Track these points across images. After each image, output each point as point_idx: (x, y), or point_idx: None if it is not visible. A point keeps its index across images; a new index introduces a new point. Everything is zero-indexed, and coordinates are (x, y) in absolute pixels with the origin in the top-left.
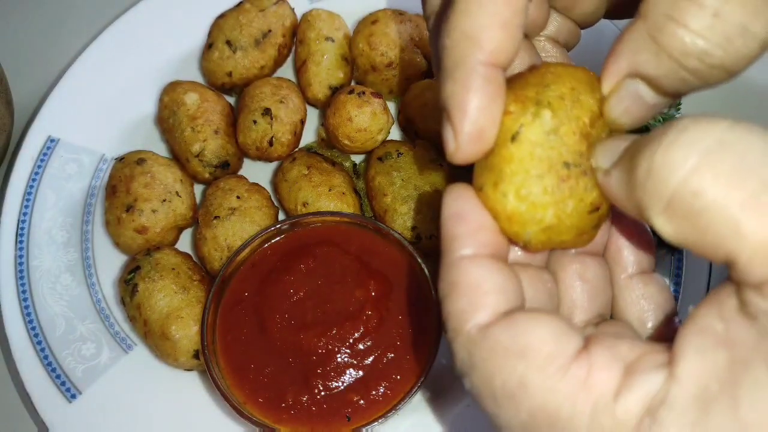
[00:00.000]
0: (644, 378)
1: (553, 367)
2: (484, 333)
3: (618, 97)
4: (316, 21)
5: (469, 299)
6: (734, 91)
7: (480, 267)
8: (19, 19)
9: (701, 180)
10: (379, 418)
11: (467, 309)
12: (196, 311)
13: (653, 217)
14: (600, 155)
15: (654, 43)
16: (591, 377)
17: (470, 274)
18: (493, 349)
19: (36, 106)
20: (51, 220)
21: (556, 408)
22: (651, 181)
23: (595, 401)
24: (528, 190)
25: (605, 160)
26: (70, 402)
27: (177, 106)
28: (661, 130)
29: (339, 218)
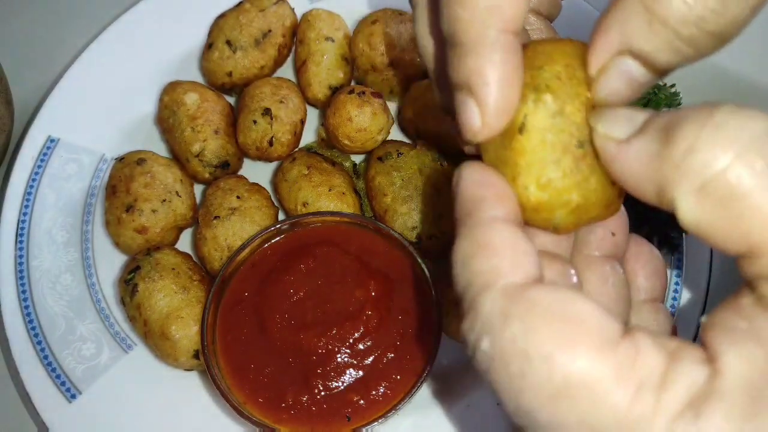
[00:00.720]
0: (689, 367)
1: (601, 339)
2: (523, 290)
3: (607, 77)
4: (316, 21)
5: (506, 257)
6: (735, 92)
7: (515, 231)
8: (19, 19)
9: (745, 167)
10: (379, 418)
11: (503, 266)
12: (196, 311)
13: (680, 197)
14: (610, 123)
15: (647, 13)
16: (639, 358)
17: (505, 233)
18: (534, 306)
19: (36, 106)
20: (51, 220)
21: (597, 380)
22: (690, 161)
23: (640, 382)
24: (548, 178)
25: (619, 129)
26: (70, 402)
27: (177, 106)
28: (705, 110)
29: (339, 218)
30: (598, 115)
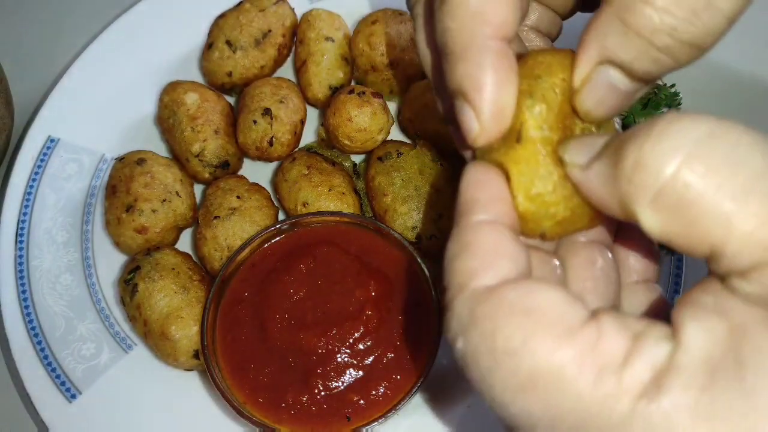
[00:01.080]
0: (651, 345)
1: (562, 328)
2: (490, 292)
3: (590, 87)
4: (316, 21)
5: (481, 260)
6: (735, 92)
7: (497, 233)
8: (19, 19)
9: (692, 171)
10: (379, 418)
11: (477, 268)
12: (196, 311)
13: (639, 210)
14: (574, 151)
15: (622, 25)
16: (600, 342)
17: (487, 236)
18: (499, 305)
19: (36, 106)
20: (51, 220)
21: (559, 368)
22: (639, 173)
23: (602, 365)
24: (537, 191)
25: (581, 156)
26: (70, 402)
27: (177, 106)
28: (648, 124)
29: (339, 218)
30: (564, 145)
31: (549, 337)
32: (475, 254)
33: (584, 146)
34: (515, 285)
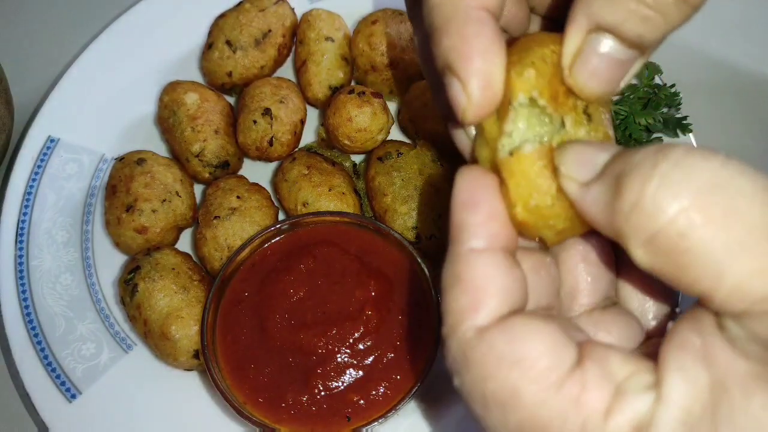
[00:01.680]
0: (633, 399)
1: (548, 381)
2: (481, 336)
3: (583, 57)
4: (316, 21)
5: (471, 298)
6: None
7: (487, 264)
8: (19, 19)
9: (690, 222)
10: (379, 418)
11: (468, 308)
12: (196, 311)
13: (632, 247)
14: (573, 165)
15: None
16: (583, 395)
17: (476, 270)
18: (489, 353)
19: (36, 106)
20: (51, 220)
21: (546, 422)
22: (636, 215)
23: (585, 419)
24: (536, 203)
25: (581, 173)
26: (70, 402)
27: (177, 106)
28: (650, 159)
29: (339, 218)
30: (562, 154)
31: (535, 390)
32: (465, 290)
33: (584, 161)
34: (504, 330)
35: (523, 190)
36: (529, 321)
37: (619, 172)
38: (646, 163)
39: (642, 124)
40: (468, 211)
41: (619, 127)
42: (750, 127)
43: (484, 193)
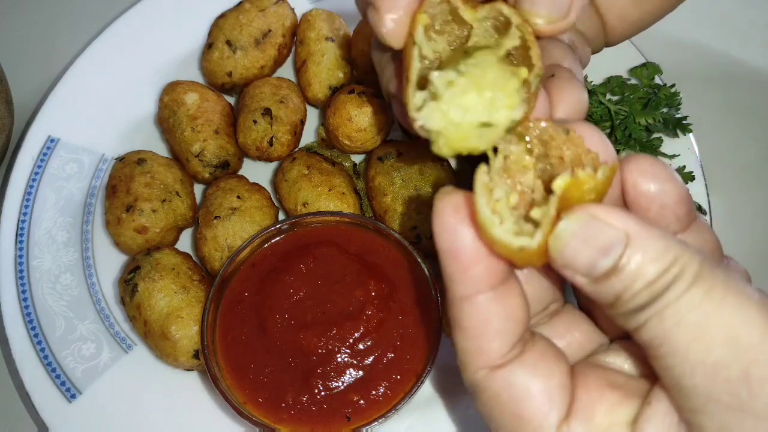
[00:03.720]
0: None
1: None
2: (488, 380)
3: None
4: (316, 21)
5: (474, 343)
6: (735, 90)
7: (480, 309)
8: (19, 19)
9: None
10: (379, 418)
11: (472, 351)
12: (196, 311)
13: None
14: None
15: None
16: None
17: (471, 317)
18: (493, 400)
19: (36, 106)
20: (51, 220)
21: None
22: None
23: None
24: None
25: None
26: (70, 402)
27: (177, 106)
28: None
29: (339, 218)
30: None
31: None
32: (467, 336)
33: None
34: (507, 384)
35: (496, 248)
36: (530, 378)
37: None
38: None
39: (642, 124)
40: (450, 260)
41: (619, 127)
42: (750, 127)
43: (460, 237)
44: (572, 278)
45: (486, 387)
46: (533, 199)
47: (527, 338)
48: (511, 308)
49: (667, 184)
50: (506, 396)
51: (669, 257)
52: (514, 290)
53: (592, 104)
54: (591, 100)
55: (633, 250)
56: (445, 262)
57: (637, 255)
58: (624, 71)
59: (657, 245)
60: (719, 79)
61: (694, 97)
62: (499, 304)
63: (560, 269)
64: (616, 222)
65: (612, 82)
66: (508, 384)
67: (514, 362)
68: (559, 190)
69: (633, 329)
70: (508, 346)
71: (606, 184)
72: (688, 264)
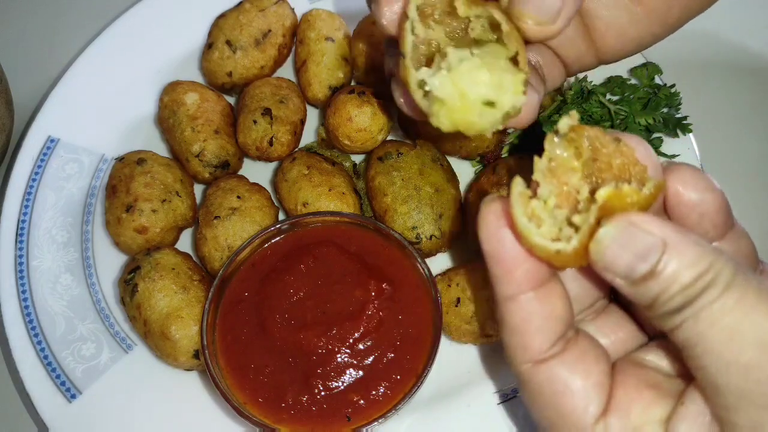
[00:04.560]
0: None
1: (576, 429)
2: (532, 373)
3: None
4: (316, 21)
5: (516, 339)
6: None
7: (522, 308)
8: (19, 19)
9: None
10: (379, 418)
11: (516, 346)
12: (196, 311)
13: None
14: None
15: None
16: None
17: (514, 315)
18: (536, 392)
19: (36, 106)
20: (51, 220)
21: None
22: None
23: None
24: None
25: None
26: (70, 402)
27: (177, 106)
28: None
29: (339, 218)
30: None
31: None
32: (512, 332)
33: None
34: (549, 378)
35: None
36: (570, 375)
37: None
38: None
39: (642, 124)
40: (494, 263)
41: (619, 127)
42: (750, 127)
43: (503, 243)
44: (612, 280)
45: (529, 380)
46: (577, 201)
47: (570, 336)
48: (552, 308)
49: (707, 194)
50: (548, 390)
51: (704, 264)
52: (556, 291)
53: (592, 104)
54: (591, 100)
55: (669, 256)
56: (490, 265)
57: (673, 261)
58: (624, 71)
59: (692, 252)
60: (720, 79)
61: (695, 96)
62: (541, 304)
63: (601, 272)
64: (654, 229)
65: (612, 82)
66: (549, 379)
67: (555, 358)
68: (601, 200)
69: (669, 330)
70: (549, 342)
71: (650, 200)
72: (721, 271)
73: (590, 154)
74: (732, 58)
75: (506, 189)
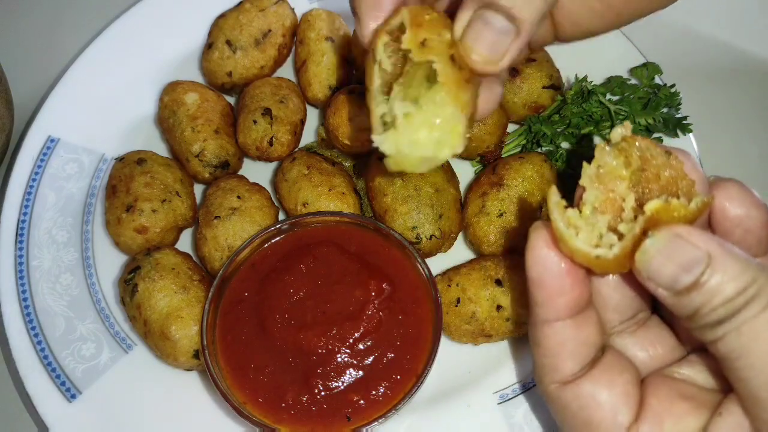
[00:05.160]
0: None
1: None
2: (559, 393)
3: (472, 28)
4: (316, 21)
5: (550, 361)
6: (734, 91)
7: (558, 333)
8: (19, 19)
9: None
10: (379, 418)
11: (547, 367)
12: (196, 311)
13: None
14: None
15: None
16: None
17: (549, 338)
18: (564, 410)
19: (36, 106)
20: (51, 220)
21: None
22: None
23: None
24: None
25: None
26: (70, 402)
27: (177, 106)
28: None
29: (339, 218)
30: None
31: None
32: (544, 354)
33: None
34: (576, 394)
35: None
36: (595, 387)
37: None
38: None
39: (642, 124)
40: (537, 288)
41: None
42: (750, 127)
43: (549, 270)
44: (654, 290)
45: (557, 398)
46: (621, 208)
47: (598, 356)
48: (586, 336)
49: (752, 210)
50: (575, 405)
51: (747, 278)
52: (591, 320)
53: (592, 104)
54: (591, 100)
55: (713, 270)
56: (532, 289)
57: (717, 274)
58: (624, 71)
59: (736, 266)
60: (719, 78)
61: (695, 96)
62: (576, 331)
63: (644, 281)
64: (699, 242)
65: (612, 82)
66: (575, 395)
67: (582, 378)
68: (649, 212)
69: (710, 342)
70: (579, 366)
71: (696, 214)
72: (765, 285)
73: (639, 164)
74: (732, 58)
75: (505, 188)
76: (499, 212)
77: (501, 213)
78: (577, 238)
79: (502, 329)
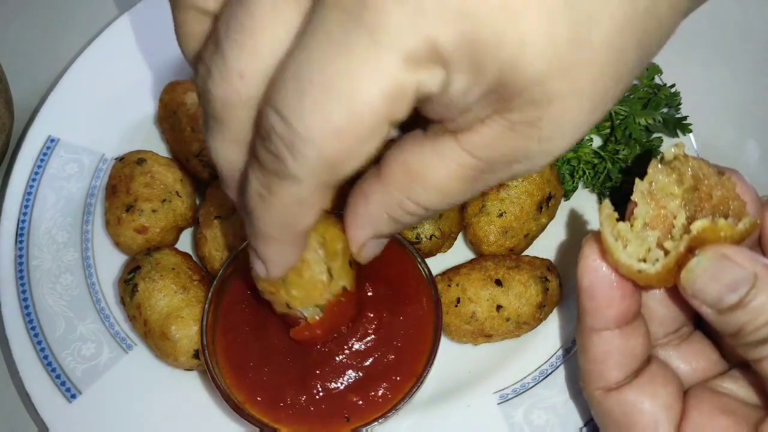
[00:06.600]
0: None
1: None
2: (602, 398)
3: (365, 250)
4: None
5: (596, 368)
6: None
7: (605, 342)
8: (19, 19)
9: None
10: (379, 419)
11: (593, 373)
12: (196, 311)
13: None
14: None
15: (391, 219)
16: None
17: (596, 346)
18: (608, 416)
19: (36, 106)
20: (51, 220)
21: None
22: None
23: None
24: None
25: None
26: (70, 402)
27: (177, 106)
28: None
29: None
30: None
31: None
32: (591, 361)
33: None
34: (620, 401)
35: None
36: (638, 396)
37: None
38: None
39: (642, 124)
40: (588, 297)
41: (619, 127)
42: (751, 127)
43: (600, 280)
44: (699, 307)
45: (600, 403)
46: (672, 225)
47: (643, 366)
48: (633, 346)
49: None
50: (617, 411)
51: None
52: (639, 331)
53: None
54: None
55: (759, 290)
56: (583, 298)
57: (762, 294)
58: None
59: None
60: (720, 79)
61: (695, 96)
62: (624, 341)
63: (688, 298)
64: (745, 263)
65: None
66: (619, 402)
67: (626, 386)
68: (695, 231)
69: (754, 360)
70: (624, 375)
71: (744, 235)
72: None
73: (692, 183)
74: (733, 58)
75: (505, 188)
76: (499, 212)
77: (501, 213)
78: (624, 251)
79: (502, 329)
